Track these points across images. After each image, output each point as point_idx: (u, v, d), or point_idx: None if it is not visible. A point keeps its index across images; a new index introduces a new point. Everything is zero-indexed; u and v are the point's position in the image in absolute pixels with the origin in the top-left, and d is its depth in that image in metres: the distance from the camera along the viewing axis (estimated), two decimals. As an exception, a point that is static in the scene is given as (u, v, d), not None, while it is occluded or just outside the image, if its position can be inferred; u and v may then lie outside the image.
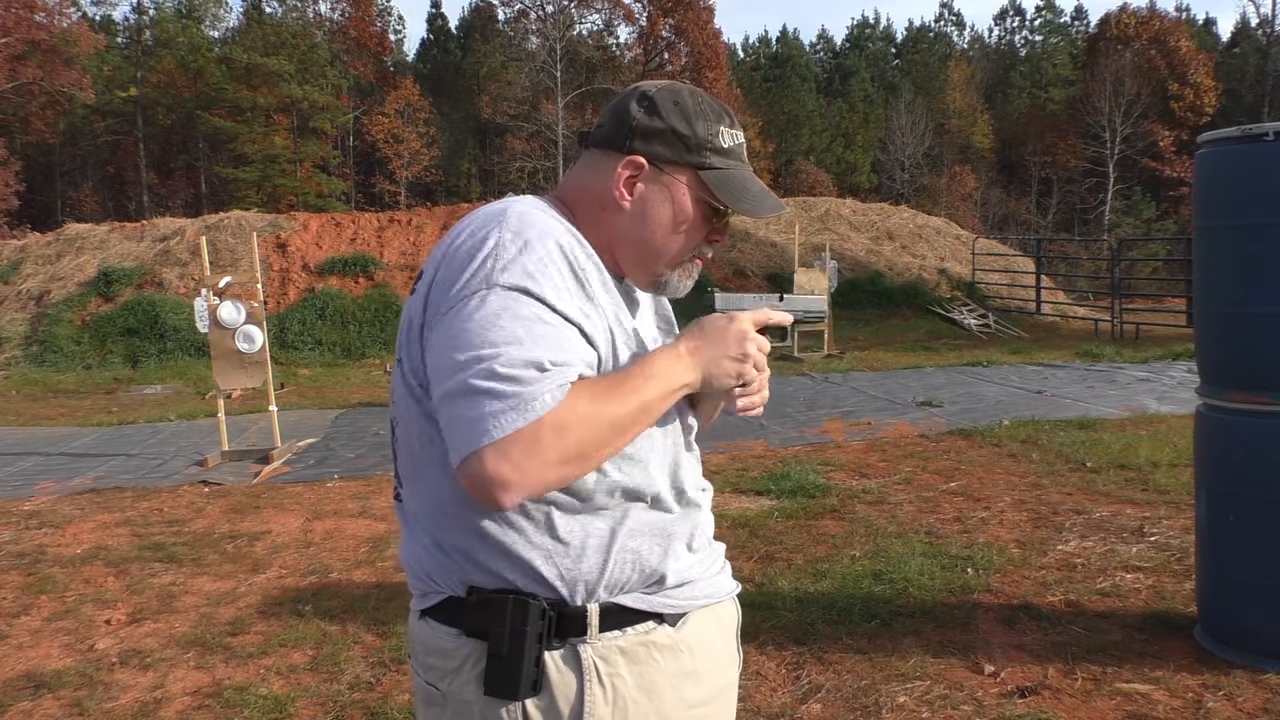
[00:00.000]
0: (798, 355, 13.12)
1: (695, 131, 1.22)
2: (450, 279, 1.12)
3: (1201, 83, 42.33)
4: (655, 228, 1.22)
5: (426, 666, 1.21)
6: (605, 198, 1.23)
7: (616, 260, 1.25)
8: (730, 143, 1.24)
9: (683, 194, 1.22)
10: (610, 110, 1.26)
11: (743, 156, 1.27)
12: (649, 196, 1.22)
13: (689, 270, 1.27)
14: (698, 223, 1.24)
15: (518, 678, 1.12)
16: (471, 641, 1.16)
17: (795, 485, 5.56)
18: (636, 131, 1.21)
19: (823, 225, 19.85)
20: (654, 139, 1.21)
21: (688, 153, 1.22)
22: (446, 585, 1.19)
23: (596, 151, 1.26)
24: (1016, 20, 57.66)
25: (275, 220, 18.49)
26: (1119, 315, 15.16)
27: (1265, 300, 2.96)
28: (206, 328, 7.52)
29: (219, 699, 3.19)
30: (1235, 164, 3.06)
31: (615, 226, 1.23)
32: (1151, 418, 7.35)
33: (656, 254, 1.24)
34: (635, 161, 1.21)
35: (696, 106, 1.23)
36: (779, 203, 1.28)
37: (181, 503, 6.17)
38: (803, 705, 2.94)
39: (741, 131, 1.28)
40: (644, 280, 1.26)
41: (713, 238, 1.27)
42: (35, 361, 14.81)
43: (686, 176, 1.22)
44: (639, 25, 42.43)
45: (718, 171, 1.23)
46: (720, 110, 1.25)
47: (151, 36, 42.85)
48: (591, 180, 1.25)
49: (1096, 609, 3.57)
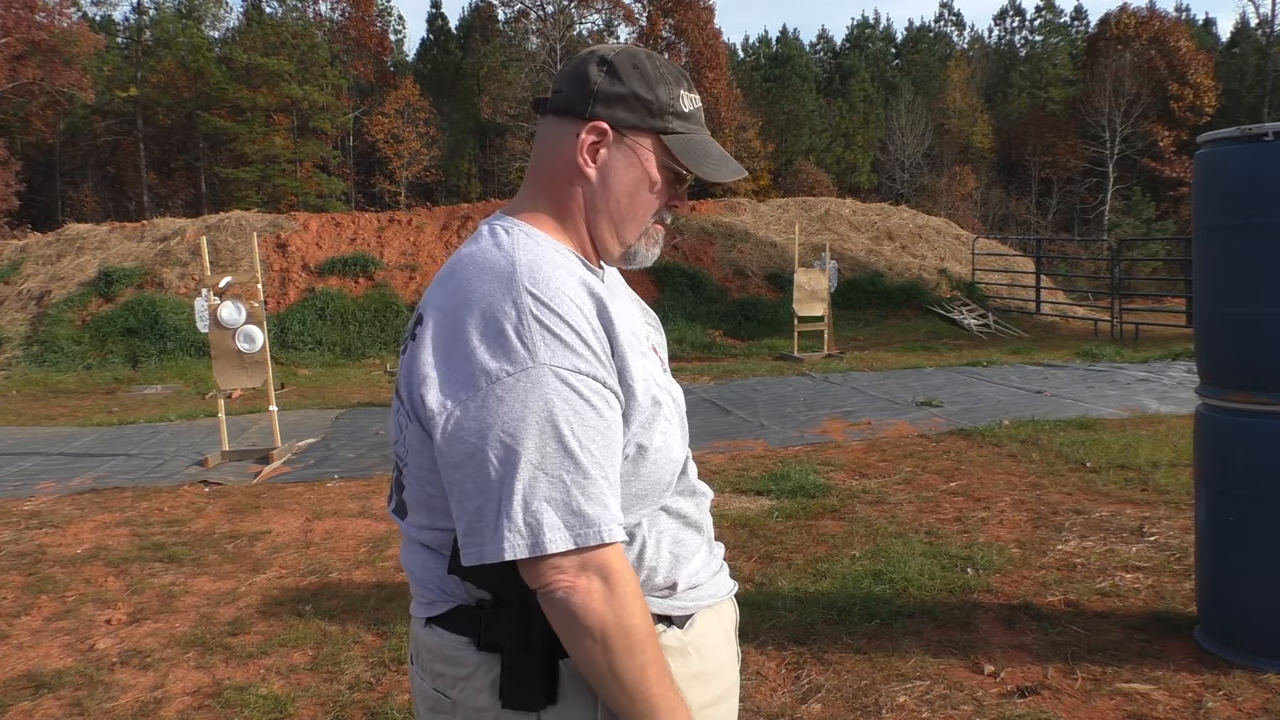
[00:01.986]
0: (798, 355, 13.12)
1: (657, 95, 1.19)
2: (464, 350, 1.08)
3: (1201, 83, 42.33)
4: (621, 194, 1.20)
5: (434, 674, 1.19)
6: (570, 168, 1.20)
7: (593, 246, 1.23)
8: (690, 107, 1.23)
9: (648, 158, 1.20)
10: (568, 75, 1.22)
11: (701, 120, 1.25)
12: (613, 162, 1.19)
13: (653, 237, 1.25)
14: (661, 188, 1.22)
15: (536, 688, 1.11)
16: (484, 652, 1.14)
17: (795, 485, 5.56)
18: (598, 96, 1.18)
19: (823, 225, 19.85)
20: (616, 104, 1.18)
21: (650, 117, 1.19)
22: (456, 595, 1.16)
23: (554, 119, 1.22)
24: (1016, 20, 57.70)
25: (275, 220, 18.49)
26: (1119, 315, 15.15)
27: (1265, 300, 2.96)
28: (207, 328, 7.52)
29: (219, 699, 3.19)
30: (1235, 164, 3.06)
31: (584, 200, 1.21)
32: (1151, 418, 7.35)
33: (624, 220, 1.22)
34: (598, 127, 1.18)
35: (655, 70, 1.20)
36: (739, 167, 1.26)
37: (181, 503, 6.17)
38: (803, 705, 2.94)
39: (699, 96, 1.26)
40: (615, 252, 1.24)
41: (673, 203, 1.25)
42: (35, 361, 14.81)
43: (650, 141, 1.20)
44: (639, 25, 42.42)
45: (680, 136, 1.21)
46: (679, 74, 1.23)
47: (151, 36, 42.85)
48: (554, 154, 1.22)
49: (1096, 609, 3.57)
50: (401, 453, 1.19)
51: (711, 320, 16.62)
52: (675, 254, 17.92)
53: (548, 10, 40.73)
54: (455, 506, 1.07)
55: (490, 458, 1.04)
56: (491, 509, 1.04)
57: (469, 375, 1.06)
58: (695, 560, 1.25)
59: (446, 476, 1.08)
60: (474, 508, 1.05)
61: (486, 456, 1.04)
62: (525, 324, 1.06)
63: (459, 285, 1.12)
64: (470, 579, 1.12)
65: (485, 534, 1.04)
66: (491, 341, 1.06)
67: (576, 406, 1.05)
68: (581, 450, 1.05)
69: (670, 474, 1.20)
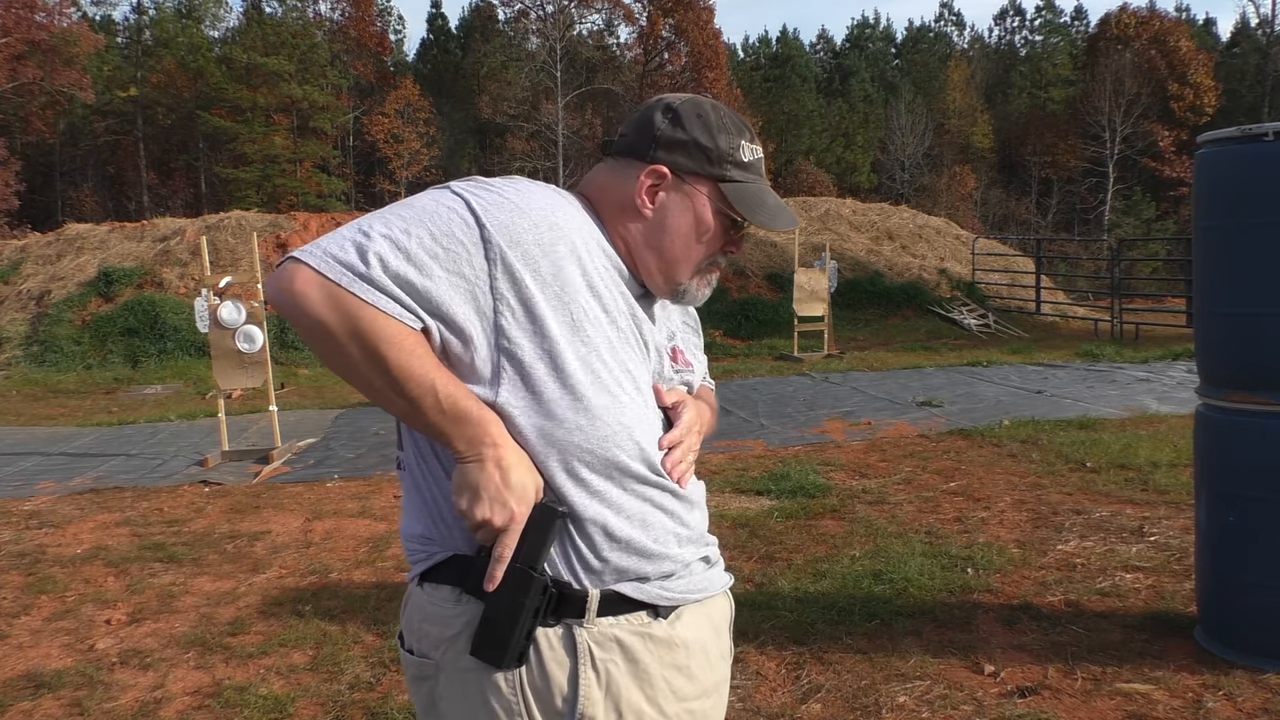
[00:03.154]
0: (798, 355, 13.12)
1: (718, 144, 1.25)
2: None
3: (1201, 83, 42.34)
4: (675, 236, 1.25)
5: (420, 635, 1.21)
6: (625, 202, 1.25)
7: (636, 266, 1.27)
8: (750, 157, 1.28)
9: (703, 205, 1.25)
10: (634, 121, 1.29)
11: (761, 171, 1.30)
12: (670, 205, 1.25)
13: (707, 279, 1.30)
14: (716, 233, 1.27)
15: (506, 645, 1.13)
16: (471, 607, 1.16)
17: (795, 485, 5.56)
18: (660, 141, 1.24)
19: (823, 225, 19.85)
20: (677, 150, 1.24)
21: (709, 165, 1.25)
22: (451, 545, 1.19)
23: (619, 159, 1.28)
24: (1016, 20, 57.73)
25: (275, 220, 18.49)
26: (1119, 315, 15.15)
27: (1265, 300, 2.96)
28: (207, 328, 7.52)
29: (219, 699, 3.19)
30: (1235, 164, 3.06)
31: (633, 232, 1.25)
32: (1151, 418, 7.35)
33: (676, 262, 1.26)
34: (658, 171, 1.24)
35: (719, 120, 1.26)
36: (794, 217, 1.32)
37: (181, 503, 6.17)
38: (803, 705, 2.94)
39: (760, 147, 1.31)
40: (663, 288, 1.28)
41: (729, 249, 1.30)
42: (35, 361, 14.81)
43: (707, 188, 1.25)
44: (639, 25, 42.42)
45: (737, 185, 1.26)
46: (741, 125, 1.28)
47: (151, 36, 42.87)
48: (612, 184, 1.27)
49: (1096, 609, 3.57)
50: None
51: (711, 320, 16.62)
52: (675, 254, 17.91)
53: (548, 10, 40.72)
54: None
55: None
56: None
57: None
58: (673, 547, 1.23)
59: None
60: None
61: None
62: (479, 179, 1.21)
63: None
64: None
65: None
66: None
67: (436, 214, 1.14)
68: (402, 232, 1.12)
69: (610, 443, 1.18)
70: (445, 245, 1.12)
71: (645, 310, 1.28)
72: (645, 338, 1.26)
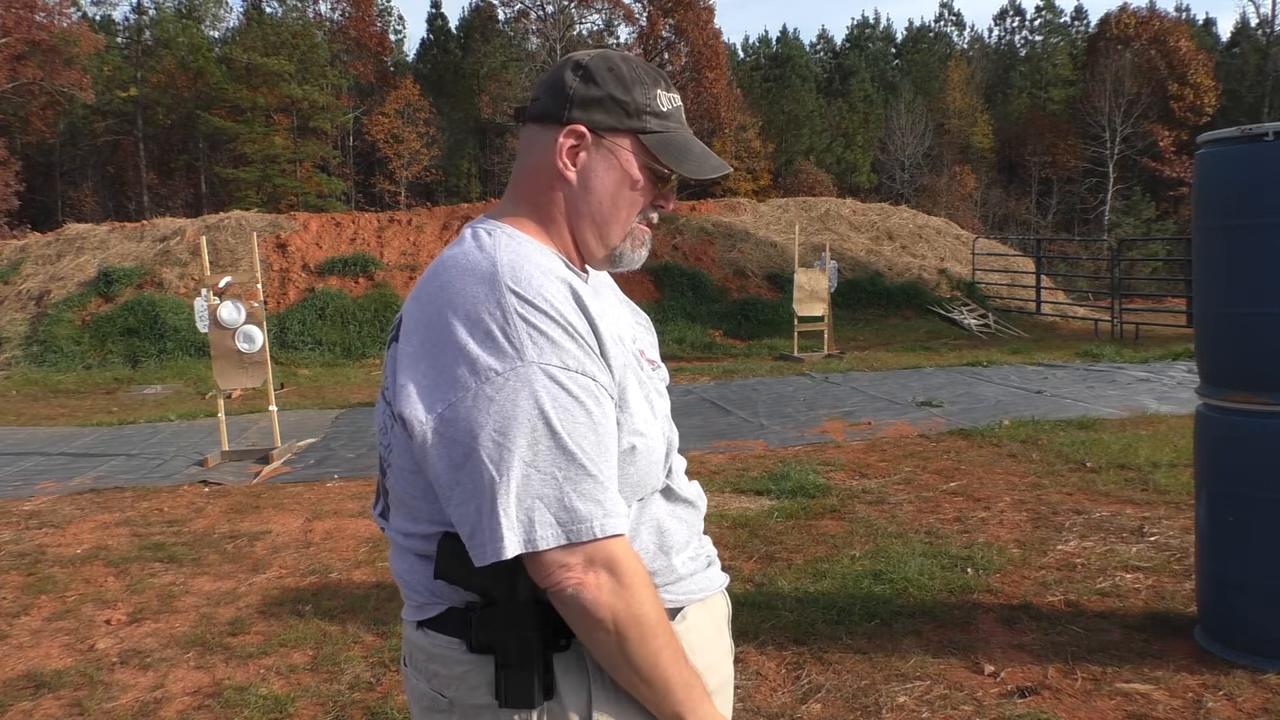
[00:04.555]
0: (798, 355, 13.12)
1: (633, 96, 1.20)
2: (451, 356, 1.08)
3: (1201, 83, 42.32)
4: (603, 196, 1.21)
5: (429, 674, 1.20)
6: (551, 173, 1.21)
7: (578, 251, 1.24)
8: (668, 106, 1.23)
9: (627, 160, 1.21)
10: (545, 83, 1.24)
11: (681, 119, 1.25)
12: (592, 165, 1.20)
13: (638, 239, 1.25)
14: (644, 188, 1.23)
15: (530, 684, 1.11)
16: (478, 654, 1.15)
17: (795, 485, 5.56)
18: (575, 101, 1.19)
19: (823, 225, 19.84)
20: (592, 107, 1.19)
21: (627, 118, 1.20)
22: (445, 597, 1.17)
23: (534, 127, 1.23)
24: (1016, 20, 57.69)
25: (275, 220, 18.49)
26: (1119, 315, 15.15)
27: (1265, 300, 2.96)
28: (206, 328, 7.52)
29: (219, 699, 3.19)
30: (1235, 164, 3.06)
31: (561, 204, 1.21)
32: (1151, 418, 7.35)
33: (607, 223, 1.22)
34: (576, 130, 1.19)
35: (632, 72, 1.21)
36: (722, 163, 1.26)
37: (181, 503, 6.17)
38: (803, 705, 2.94)
39: (678, 96, 1.26)
40: (600, 256, 1.24)
41: (658, 203, 1.25)
42: (35, 361, 14.81)
43: (628, 142, 1.21)
44: (639, 25, 42.42)
45: (658, 135, 1.21)
46: (656, 75, 1.24)
47: (151, 36, 42.86)
48: (534, 159, 1.23)
49: (1096, 609, 3.57)
50: (385, 453, 1.20)
51: (711, 320, 16.62)
52: (675, 254, 17.92)
53: (548, 10, 40.74)
54: (456, 510, 1.08)
55: (484, 459, 1.05)
56: (488, 509, 1.05)
57: (456, 377, 1.07)
58: (682, 553, 1.25)
59: (446, 479, 1.08)
60: (474, 508, 1.06)
61: (480, 458, 1.05)
62: (511, 323, 1.07)
63: (442, 287, 1.13)
64: (457, 582, 1.13)
65: (485, 534, 1.05)
66: (479, 342, 1.07)
67: (566, 404, 1.06)
68: (574, 446, 1.06)
69: (655, 470, 1.20)
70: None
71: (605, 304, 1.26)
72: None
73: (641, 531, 1.20)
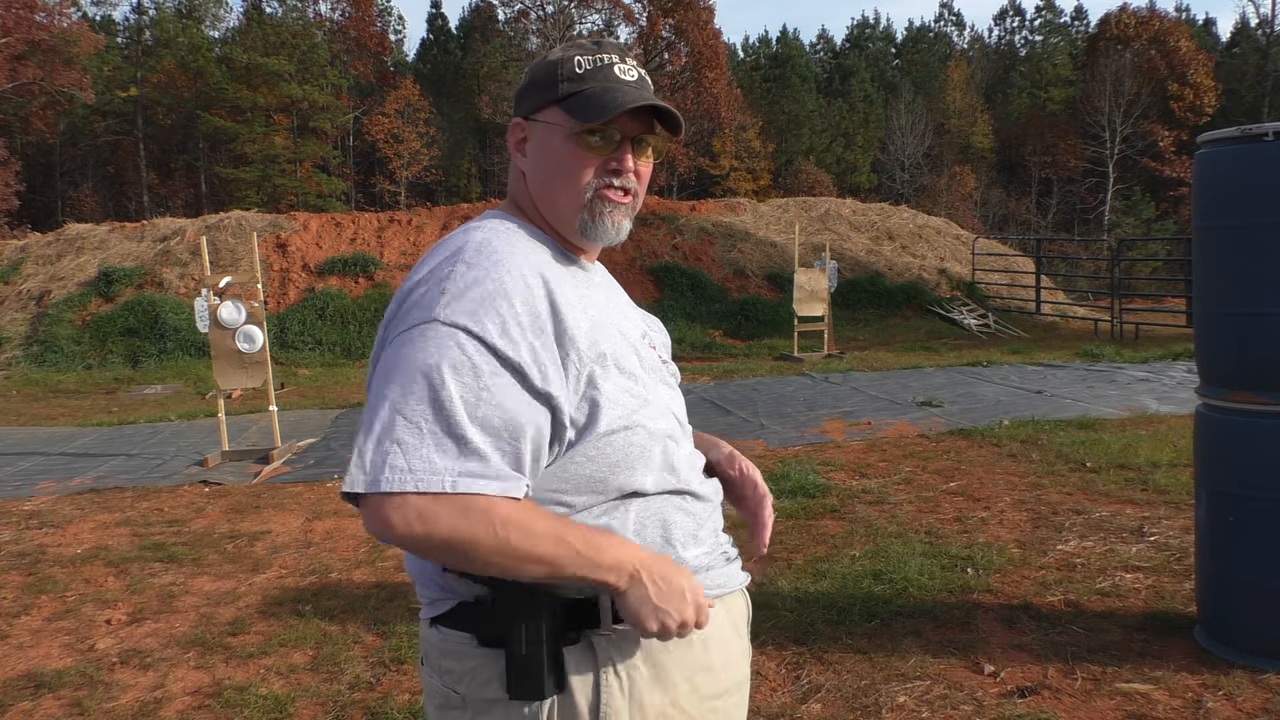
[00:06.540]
0: (798, 355, 13.12)
1: (549, 71, 1.25)
2: (399, 313, 1.15)
3: (1201, 83, 42.30)
4: (544, 174, 1.26)
5: (442, 670, 1.20)
6: (514, 170, 1.31)
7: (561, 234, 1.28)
8: (586, 67, 1.24)
9: (554, 130, 1.24)
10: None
11: (606, 75, 1.23)
12: (532, 148, 1.27)
13: (599, 208, 1.24)
14: (579, 155, 1.23)
15: (540, 676, 1.12)
16: (489, 649, 1.16)
17: (795, 485, 5.56)
18: (516, 100, 1.30)
19: (823, 225, 19.85)
20: (522, 97, 1.29)
21: (544, 92, 1.25)
22: (455, 592, 1.18)
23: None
24: (1016, 20, 57.73)
25: (275, 220, 18.48)
26: (1119, 315, 15.15)
27: (1265, 300, 2.96)
28: (207, 328, 7.52)
29: (219, 699, 3.19)
30: (1235, 164, 3.06)
31: (529, 189, 1.28)
32: (1151, 418, 7.35)
33: (552, 196, 1.26)
34: (517, 123, 1.29)
35: (559, 55, 1.26)
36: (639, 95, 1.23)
37: (181, 503, 6.17)
38: (803, 705, 2.94)
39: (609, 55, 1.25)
40: (570, 231, 1.26)
41: (610, 165, 1.24)
42: (35, 361, 14.81)
43: (553, 115, 1.24)
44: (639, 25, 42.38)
45: (575, 97, 1.23)
46: (584, 44, 1.27)
47: (151, 36, 42.84)
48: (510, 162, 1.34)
49: (1096, 609, 3.57)
50: None
51: (711, 320, 16.62)
52: (675, 254, 17.93)
53: (548, 10, 40.71)
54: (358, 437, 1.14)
55: (370, 399, 1.12)
56: (357, 443, 1.10)
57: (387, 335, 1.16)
58: (694, 548, 1.25)
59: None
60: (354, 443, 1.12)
61: (370, 397, 1.13)
62: (444, 286, 1.12)
63: (421, 263, 1.21)
64: (467, 575, 1.14)
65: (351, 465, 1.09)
66: (414, 302, 1.14)
67: (458, 364, 1.08)
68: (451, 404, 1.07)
69: (645, 456, 1.20)
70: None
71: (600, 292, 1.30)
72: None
73: (647, 525, 1.20)
